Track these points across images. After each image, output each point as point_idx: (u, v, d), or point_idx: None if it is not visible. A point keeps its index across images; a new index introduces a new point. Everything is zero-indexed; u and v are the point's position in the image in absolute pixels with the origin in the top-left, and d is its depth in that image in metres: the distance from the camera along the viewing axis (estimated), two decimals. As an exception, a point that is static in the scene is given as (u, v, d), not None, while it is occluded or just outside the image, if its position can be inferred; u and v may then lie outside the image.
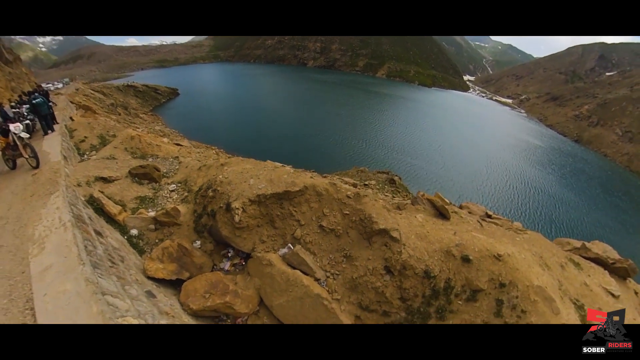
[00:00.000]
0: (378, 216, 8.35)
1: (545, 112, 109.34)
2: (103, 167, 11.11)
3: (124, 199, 9.83)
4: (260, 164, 10.47)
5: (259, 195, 8.40)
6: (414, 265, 7.66)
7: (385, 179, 27.72)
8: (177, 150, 14.63)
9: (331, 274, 8.22)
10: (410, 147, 49.62)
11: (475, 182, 40.63)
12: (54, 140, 12.19)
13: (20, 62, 49.91)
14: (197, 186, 10.45)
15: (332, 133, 51.60)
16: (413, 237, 8.36)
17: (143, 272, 7.62)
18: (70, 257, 5.28)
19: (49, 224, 6.25)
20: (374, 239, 8.22)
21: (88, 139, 14.75)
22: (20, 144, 9.15)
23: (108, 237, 7.49)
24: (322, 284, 8.07)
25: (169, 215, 9.02)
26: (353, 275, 8.01)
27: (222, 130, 48.82)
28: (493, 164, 48.83)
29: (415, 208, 10.58)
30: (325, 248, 8.45)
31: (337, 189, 8.90)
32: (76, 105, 26.72)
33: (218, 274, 8.19)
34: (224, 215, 8.43)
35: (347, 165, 35.87)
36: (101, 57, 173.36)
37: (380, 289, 7.74)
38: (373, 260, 8.00)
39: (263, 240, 8.53)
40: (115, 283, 5.64)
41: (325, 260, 8.34)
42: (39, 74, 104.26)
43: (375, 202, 9.01)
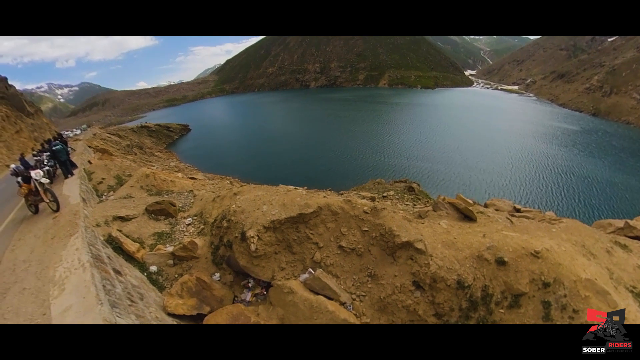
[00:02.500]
0: (399, 229, 7.93)
1: (554, 91, 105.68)
2: (120, 206, 11.36)
3: (141, 236, 9.91)
4: (272, 189, 10.42)
5: (273, 221, 8.24)
6: (445, 277, 7.11)
7: (404, 187, 27.17)
8: (192, 183, 14.88)
9: (357, 295, 7.76)
10: (425, 151, 48.65)
11: (500, 176, 39.01)
12: (73, 184, 12.66)
13: (41, 114, 53.72)
14: (212, 218, 10.45)
15: (344, 150, 51.65)
16: (440, 246, 7.87)
17: (163, 309, 7.47)
18: (89, 297, 5.26)
19: (68, 265, 6.31)
20: (398, 254, 7.78)
21: (105, 180, 15.26)
22: (41, 190, 9.50)
23: (127, 275, 7.47)
24: (348, 307, 7.63)
25: (187, 249, 8.98)
26: (380, 295, 7.53)
27: (235, 160, 49.92)
28: (515, 155, 46.99)
29: (437, 214, 10.10)
30: (348, 269, 8.05)
31: (352, 205, 8.61)
32: (94, 149, 28.04)
33: (239, 307, 7.93)
34: (240, 244, 8.29)
35: (363, 179, 35.48)
36: (115, 102, 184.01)
37: (412, 306, 7.20)
38: (400, 277, 7.53)
39: (282, 267, 8.27)
40: (134, 322, 5.53)
41: (349, 282, 7.92)
42: (59, 122, 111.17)
43: (395, 214, 8.64)
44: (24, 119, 44.89)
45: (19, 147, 36.92)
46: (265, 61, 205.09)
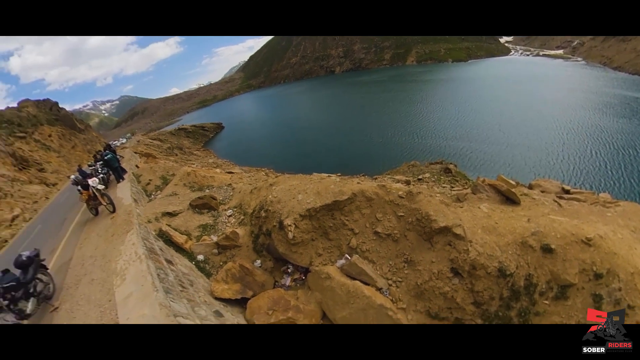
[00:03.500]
0: (437, 213, 7.64)
1: (607, 52, 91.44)
2: (167, 203, 12.33)
3: (188, 228, 10.70)
4: (306, 178, 10.57)
5: (309, 210, 8.40)
6: (485, 264, 6.77)
7: (440, 169, 25.97)
8: (230, 177, 15.64)
9: (393, 281, 7.73)
10: (462, 130, 44.77)
11: (546, 154, 34.67)
12: (125, 187, 13.93)
13: (90, 129, 59.79)
14: (251, 208, 10.93)
15: (375, 134, 49.88)
16: (480, 232, 7.48)
17: (211, 294, 8.08)
18: (146, 285, 5.83)
19: (127, 258, 7.03)
20: (435, 239, 7.54)
21: (152, 181, 16.56)
22: (98, 195, 10.63)
23: (178, 264, 8.14)
24: (384, 293, 7.63)
25: (229, 238, 9.58)
26: (417, 281, 7.40)
27: (268, 152, 51.00)
28: (564, 129, 41.51)
29: (477, 197, 9.54)
30: (384, 255, 8.01)
31: (387, 190, 8.45)
32: (139, 154, 30.42)
33: (279, 291, 8.33)
34: (279, 233, 8.60)
35: (397, 163, 34.28)
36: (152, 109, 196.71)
37: (450, 293, 6.99)
38: (437, 263, 7.31)
39: (319, 254, 8.46)
40: (186, 305, 6.05)
41: (386, 268, 7.89)
42: (106, 134, 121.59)
43: (431, 198, 8.32)
44: (77, 135, 50.45)
45: (76, 160, 41.60)
46: (288, 52, 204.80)
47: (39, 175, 31.96)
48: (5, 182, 24.62)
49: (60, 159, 40.86)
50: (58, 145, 43.81)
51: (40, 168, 34.35)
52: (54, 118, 49.84)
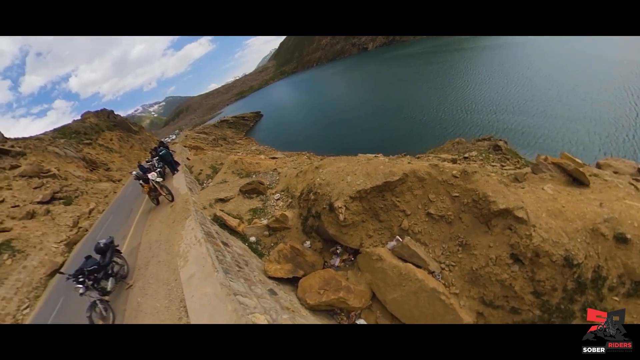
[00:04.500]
0: (495, 194, 6.99)
1: None
2: (219, 190, 12.99)
3: (240, 213, 11.17)
4: (353, 160, 10.29)
5: (359, 191, 8.16)
6: (550, 251, 6.13)
7: (488, 146, 23.71)
8: (274, 163, 15.98)
9: (446, 265, 7.34)
10: (514, 102, 38.98)
11: (618, 128, 28.44)
12: (180, 178, 14.91)
13: (143, 129, 65.99)
14: (298, 192, 11.03)
15: (416, 111, 46.47)
16: (544, 216, 6.77)
17: (264, 273, 8.36)
18: (207, 266, 6.12)
19: (188, 242, 7.46)
20: (493, 222, 6.94)
21: (203, 171, 17.55)
22: (158, 187, 11.54)
23: (233, 246, 8.49)
24: (437, 276, 7.27)
25: (279, 221, 9.80)
26: (472, 266, 6.94)
27: (307, 136, 51.09)
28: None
29: (539, 177, 8.64)
30: (437, 237, 7.62)
31: (440, 170, 7.90)
32: (189, 148, 32.46)
33: (330, 271, 8.33)
34: (329, 215, 8.52)
35: (440, 140, 31.83)
36: (195, 106, 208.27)
37: (508, 281, 6.47)
38: (496, 248, 6.77)
39: (370, 235, 8.26)
40: (243, 284, 6.25)
41: (438, 251, 7.51)
42: (157, 133, 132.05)
43: (489, 177, 7.63)
44: (132, 136, 56.39)
45: (135, 158, 46.46)
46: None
47: (106, 174, 35.98)
48: (81, 182, 28.10)
49: (122, 158, 45.78)
50: (118, 147, 49.09)
51: (107, 168, 38.63)
52: (112, 124, 55.80)
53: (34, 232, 18.97)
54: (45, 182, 24.46)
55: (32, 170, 25.03)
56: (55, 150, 33.74)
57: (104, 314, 6.50)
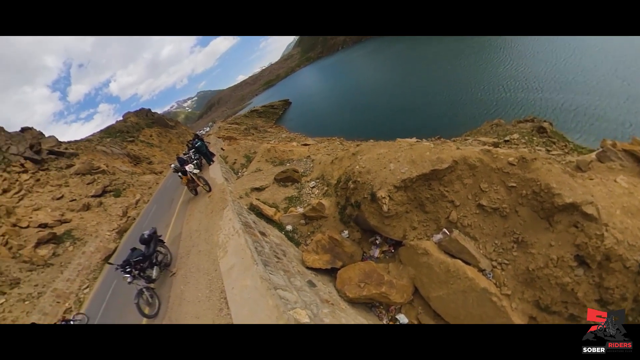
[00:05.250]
0: (560, 185, 6.10)
1: None
2: (254, 179, 12.97)
3: (275, 201, 11.04)
4: (395, 145, 9.57)
5: (404, 180, 7.52)
6: (624, 256, 5.29)
7: (531, 128, 21.07)
8: (307, 150, 15.64)
9: (498, 263, 6.69)
10: (561, 78, 33.43)
11: None
12: (215, 168, 15.21)
13: (179, 124, 70.08)
14: (334, 179, 10.59)
15: (449, 91, 42.39)
16: (619, 213, 5.85)
17: (302, 263, 8.17)
18: (246, 258, 5.99)
19: (227, 232, 7.42)
20: (556, 218, 6.10)
21: (237, 160, 17.77)
22: (195, 178, 11.83)
23: (270, 235, 8.36)
24: (487, 275, 6.67)
25: (316, 210, 9.47)
26: (528, 265, 6.25)
27: (336, 121, 49.97)
28: None
29: (606, 166, 7.49)
30: (488, 232, 6.95)
31: (493, 156, 7.11)
32: (222, 138, 33.21)
33: (371, 264, 7.93)
34: (370, 205, 7.99)
35: (477, 122, 28.97)
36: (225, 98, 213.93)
37: (569, 285, 5.72)
38: (558, 247, 5.99)
39: (414, 227, 7.68)
40: (283, 277, 6.06)
41: (490, 247, 6.85)
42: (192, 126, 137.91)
43: (551, 166, 6.70)
44: (170, 131, 60.36)
45: (173, 150, 49.42)
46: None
47: (149, 167, 38.39)
48: (127, 175, 30.33)
49: (162, 152, 48.89)
50: (158, 142, 52.76)
51: (149, 161, 41.28)
52: (151, 121, 60.29)
53: (90, 222, 20.89)
54: (96, 178, 26.81)
55: (84, 168, 27.47)
56: (103, 149, 36.70)
57: (150, 300, 6.86)
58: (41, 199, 22.35)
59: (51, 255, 17.08)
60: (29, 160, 26.07)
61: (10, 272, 14.92)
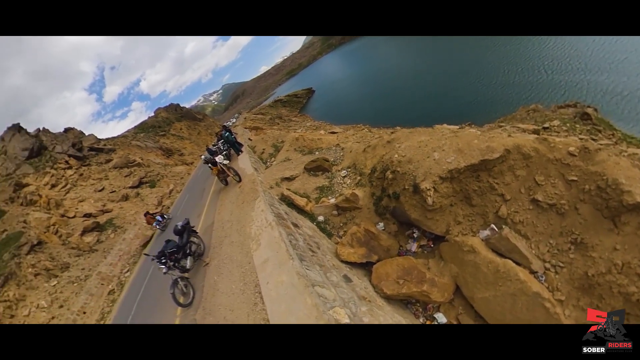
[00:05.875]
0: (630, 182, 5.32)
1: None
2: (283, 169, 12.70)
3: (306, 191, 10.74)
4: (436, 132, 8.81)
5: (451, 171, 6.88)
6: None
7: (573, 114, 18.54)
8: (336, 138, 15.12)
9: (552, 265, 6.05)
10: (610, 58, 26.92)
11: None
12: (244, 158, 15.14)
13: (207, 117, 72.57)
14: (367, 168, 10.06)
15: (482, 74, 38.44)
16: None
17: (336, 256, 7.82)
18: (281, 252, 5.73)
19: (259, 224, 7.21)
20: (624, 219, 5.35)
21: (266, 150, 17.66)
22: (225, 169, 11.83)
23: (303, 226, 8.08)
24: (539, 278, 6.03)
25: (349, 200, 9.05)
26: (587, 270, 5.55)
27: (361, 107, 48.59)
28: None
29: None
30: (542, 230, 6.27)
31: (550, 145, 6.35)
32: (249, 129, 33.47)
33: (410, 260, 7.41)
34: (411, 197, 7.42)
35: (511, 107, 26.28)
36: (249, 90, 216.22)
37: (635, 296, 4.97)
38: (623, 252, 5.27)
39: (458, 222, 7.08)
40: (319, 272, 5.75)
41: (543, 247, 6.20)
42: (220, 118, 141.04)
43: (618, 158, 5.85)
44: (198, 124, 62.97)
45: (203, 142, 51.10)
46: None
47: (180, 159, 39.86)
48: (161, 167, 31.72)
49: (192, 144, 50.76)
50: (188, 134, 54.99)
51: (180, 153, 42.92)
52: (180, 116, 62.98)
53: (129, 211, 22.13)
54: (133, 171, 28.35)
55: (121, 162, 29.08)
56: (137, 144, 38.71)
57: (184, 290, 7.00)
58: (85, 192, 23.95)
59: (95, 242, 18.47)
60: (73, 157, 28.09)
61: (61, 257, 16.22)
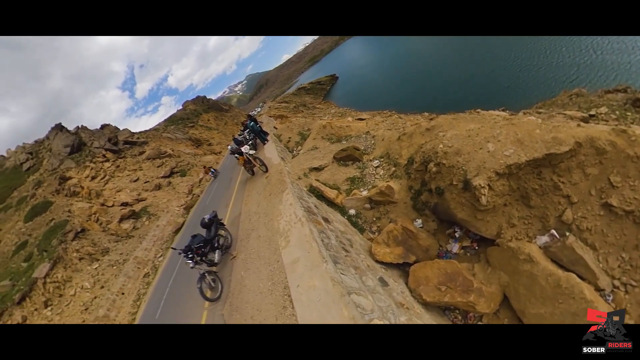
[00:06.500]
0: None
1: None
2: (311, 158, 12.07)
3: (336, 182, 10.08)
4: (486, 119, 7.64)
5: (509, 166, 5.92)
6: None
7: (623, 100, 15.82)
8: (365, 125, 14.15)
9: (621, 283, 5.13)
10: None
11: None
12: (270, 147, 14.79)
13: (233, 107, 74.18)
14: (403, 158, 9.19)
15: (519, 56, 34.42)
16: None
17: (370, 255, 7.21)
18: (312, 252, 5.22)
19: (288, 219, 6.74)
20: None
21: (292, 138, 17.18)
22: (252, 159, 11.54)
23: (333, 221, 7.53)
24: (606, 297, 5.12)
25: (384, 194, 8.29)
26: None
27: (387, 93, 46.20)
28: None
29: None
30: (614, 241, 5.31)
31: (631, 139, 5.27)
32: (274, 117, 33.16)
33: (454, 264, 6.62)
34: (460, 194, 6.56)
35: (551, 91, 23.45)
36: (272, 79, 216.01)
37: None
38: None
39: (512, 224, 6.15)
40: (354, 276, 5.20)
41: (613, 261, 5.27)
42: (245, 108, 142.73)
43: None
44: (225, 114, 65.50)
45: (230, 132, 52.42)
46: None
47: (209, 148, 40.87)
48: (190, 157, 32.80)
49: (219, 134, 52.09)
50: (215, 125, 56.96)
51: (209, 143, 44.10)
52: (207, 107, 64.95)
53: (162, 199, 23.09)
54: (164, 161, 29.64)
55: (154, 153, 30.57)
56: (168, 136, 40.43)
57: (212, 284, 6.93)
58: (121, 182, 25.36)
59: (132, 228, 19.57)
60: (109, 151, 29.98)
61: (101, 243, 17.29)
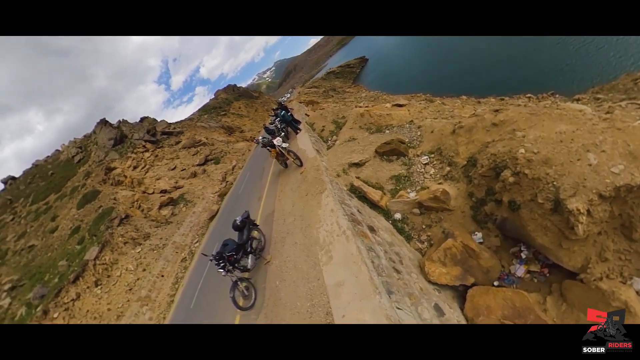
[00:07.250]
0: None
1: None
2: (350, 151, 10.95)
3: (379, 180, 9.00)
4: (578, 119, 5.92)
5: (619, 188, 4.56)
6: None
7: None
8: (407, 113, 12.58)
9: None
10: None
11: None
12: (303, 137, 13.87)
13: (262, 94, 75.16)
14: (461, 157, 7.87)
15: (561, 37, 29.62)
16: None
17: (421, 271, 6.24)
18: (361, 277, 4.42)
19: (329, 229, 5.96)
20: None
21: (326, 127, 16.16)
22: (284, 152, 10.82)
23: (379, 229, 6.60)
24: None
25: (438, 200, 7.10)
26: None
27: (418, 74, 43.04)
28: None
29: None
30: None
31: None
32: (304, 103, 32.14)
33: (523, 296, 5.46)
34: (545, 216, 5.25)
35: (608, 74, 19.24)
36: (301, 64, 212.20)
37: None
38: None
39: (605, 258, 4.83)
40: (410, 309, 4.38)
41: None
42: (275, 94, 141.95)
43: None
44: (255, 101, 66.44)
45: (260, 118, 53.23)
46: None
47: (241, 136, 41.28)
48: (224, 144, 33.30)
49: (251, 120, 52.94)
50: (246, 112, 58.06)
51: (241, 130, 44.73)
52: (238, 95, 65.66)
53: (197, 187, 23.74)
54: (199, 150, 30.44)
55: (189, 142, 31.56)
56: (202, 125, 41.61)
57: (246, 292, 6.57)
58: (160, 171, 26.46)
59: (170, 215, 20.33)
60: (148, 142, 31.44)
61: (143, 228, 18.06)
